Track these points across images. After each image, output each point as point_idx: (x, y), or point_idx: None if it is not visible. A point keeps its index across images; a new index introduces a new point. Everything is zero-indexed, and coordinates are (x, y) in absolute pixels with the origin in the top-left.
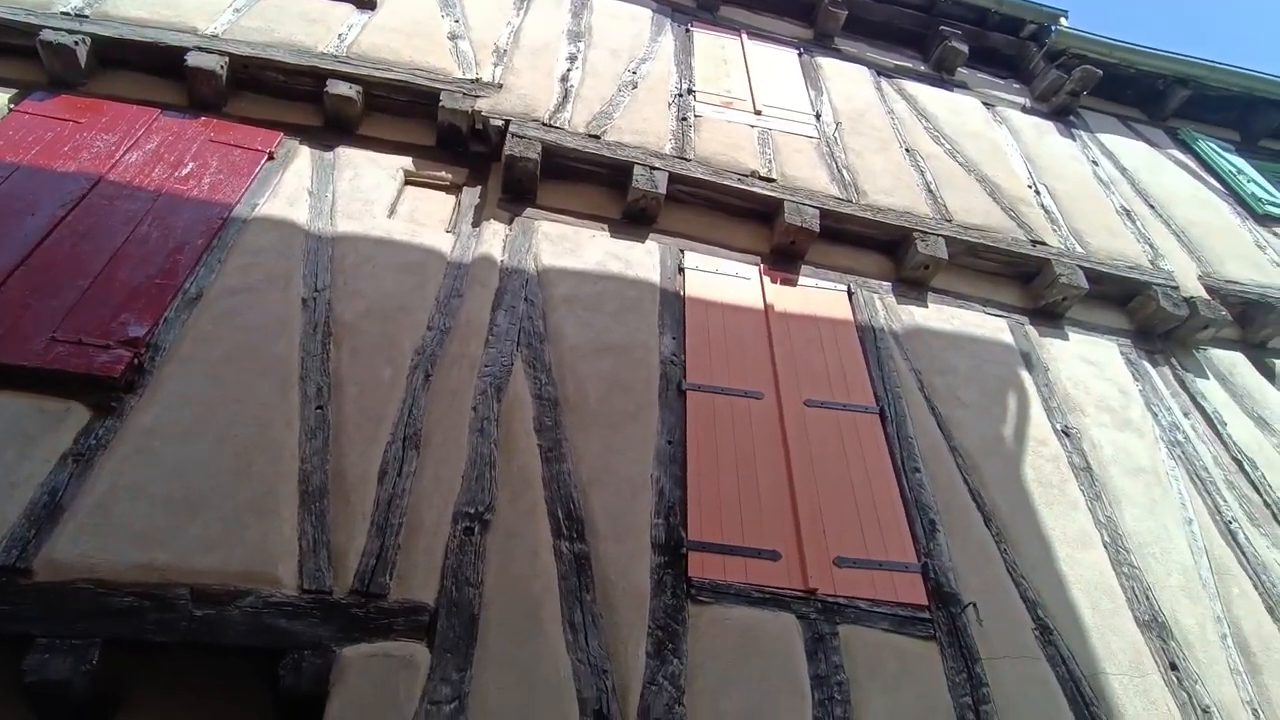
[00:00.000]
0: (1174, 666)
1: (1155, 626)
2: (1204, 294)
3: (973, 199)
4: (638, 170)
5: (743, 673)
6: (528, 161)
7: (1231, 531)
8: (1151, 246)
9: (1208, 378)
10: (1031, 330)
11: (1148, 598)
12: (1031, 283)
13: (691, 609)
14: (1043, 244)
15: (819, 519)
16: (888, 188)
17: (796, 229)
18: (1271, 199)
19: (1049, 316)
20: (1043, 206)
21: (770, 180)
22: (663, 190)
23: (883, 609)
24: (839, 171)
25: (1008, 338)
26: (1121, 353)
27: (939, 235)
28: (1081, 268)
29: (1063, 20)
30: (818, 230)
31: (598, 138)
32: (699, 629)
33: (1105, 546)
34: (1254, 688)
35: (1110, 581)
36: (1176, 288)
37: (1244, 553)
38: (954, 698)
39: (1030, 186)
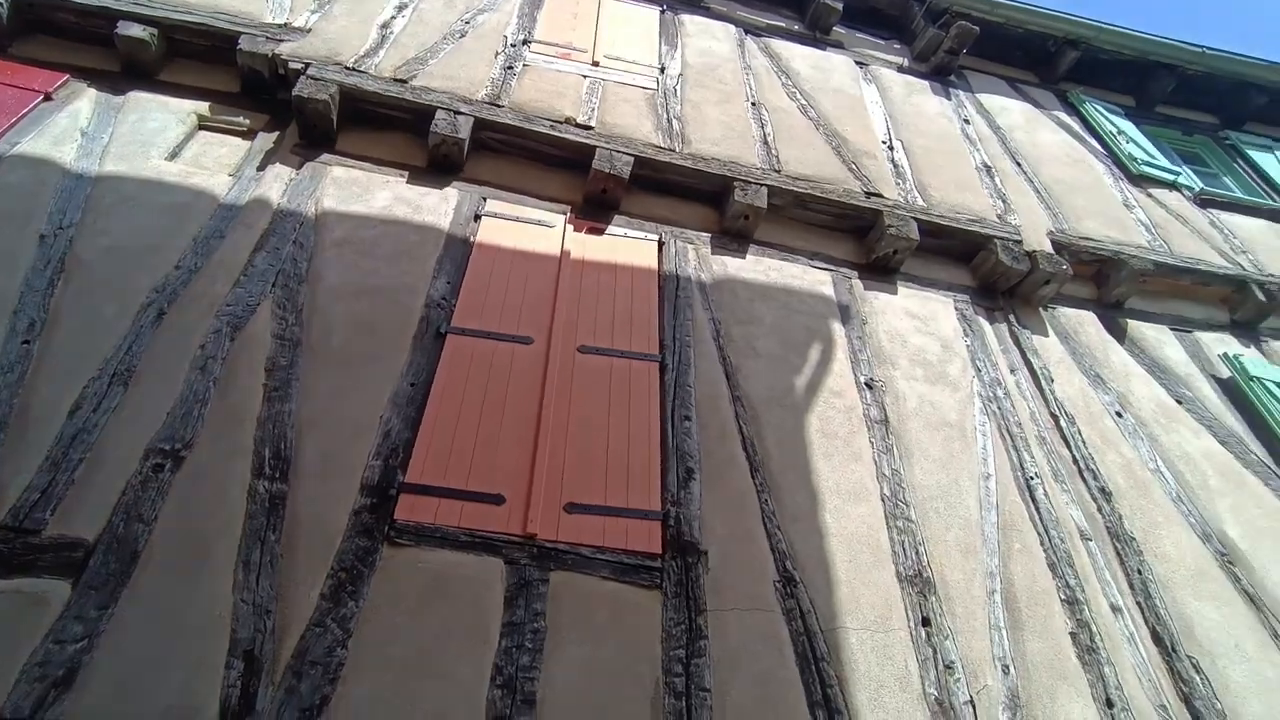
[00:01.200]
0: (926, 621)
1: (918, 581)
2: (1049, 249)
3: (811, 152)
4: (440, 114)
5: (423, 617)
6: (318, 103)
7: (1030, 487)
8: (1004, 202)
9: (1048, 335)
10: (858, 284)
11: (917, 552)
12: (867, 236)
13: (386, 551)
14: (878, 196)
15: (560, 465)
16: (717, 138)
17: (606, 176)
18: (1149, 159)
19: (882, 270)
20: (893, 161)
21: (587, 128)
22: (464, 135)
23: (607, 556)
24: (668, 122)
25: (827, 290)
26: (956, 308)
27: (762, 185)
28: (918, 220)
29: None
30: (627, 178)
31: (404, 82)
32: (388, 571)
33: (883, 500)
34: (1010, 643)
35: (878, 535)
36: (1020, 242)
37: (1038, 508)
38: (665, 650)
39: (885, 142)
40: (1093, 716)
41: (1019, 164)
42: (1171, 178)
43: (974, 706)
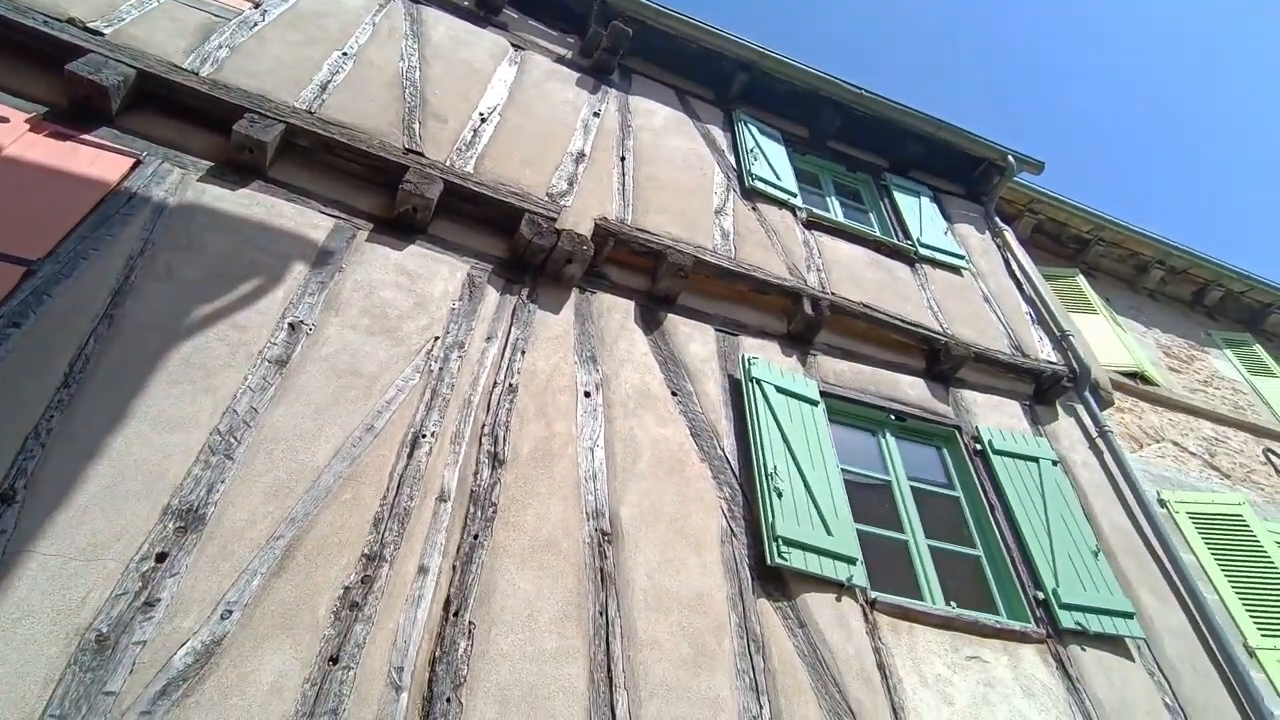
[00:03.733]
0: (162, 557)
1: (187, 516)
2: (586, 232)
3: (369, 104)
4: None
5: None
6: None
7: (416, 444)
8: (570, 185)
9: (560, 312)
10: (363, 235)
11: (208, 490)
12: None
13: None
14: (417, 154)
15: None
16: (259, 71)
17: (86, 82)
18: (768, 179)
19: (406, 228)
20: (475, 131)
21: (96, 34)
22: None
23: None
24: (216, 49)
25: (317, 235)
26: (470, 274)
27: (279, 121)
28: (451, 183)
29: None
30: (114, 88)
31: None
32: None
33: (214, 433)
34: (248, 590)
35: (174, 466)
36: (553, 220)
37: (408, 465)
38: None
39: (482, 115)
40: (294, 670)
41: (623, 159)
42: (785, 198)
43: (145, 646)
